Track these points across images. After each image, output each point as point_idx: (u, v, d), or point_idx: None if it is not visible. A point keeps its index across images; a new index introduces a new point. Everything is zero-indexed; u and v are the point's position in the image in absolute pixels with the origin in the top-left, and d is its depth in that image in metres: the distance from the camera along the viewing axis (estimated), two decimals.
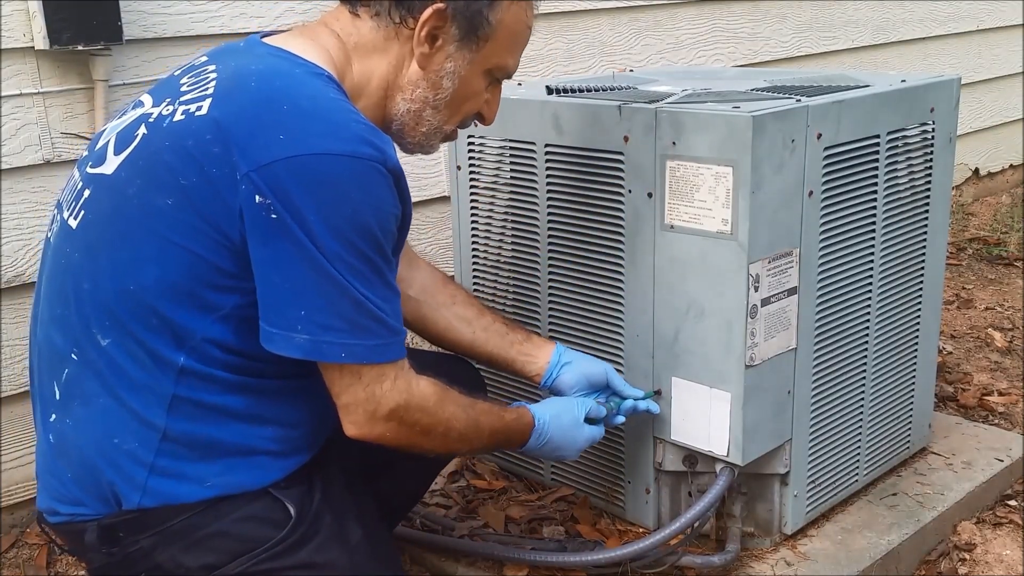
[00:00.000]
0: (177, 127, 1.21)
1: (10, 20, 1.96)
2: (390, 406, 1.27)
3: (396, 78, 1.36)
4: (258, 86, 1.21)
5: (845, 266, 1.83)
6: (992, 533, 2.03)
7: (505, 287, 2.03)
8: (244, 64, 1.27)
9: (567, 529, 1.94)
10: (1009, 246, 3.80)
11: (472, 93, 1.41)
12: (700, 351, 1.71)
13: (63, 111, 2.05)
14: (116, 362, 1.23)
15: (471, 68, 1.38)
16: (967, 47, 4.24)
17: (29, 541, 2.14)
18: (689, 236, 1.67)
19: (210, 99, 1.21)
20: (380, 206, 1.21)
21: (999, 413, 2.53)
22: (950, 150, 2.02)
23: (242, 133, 1.17)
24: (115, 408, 1.24)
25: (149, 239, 1.20)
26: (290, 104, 1.18)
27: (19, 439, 2.16)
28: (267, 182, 1.15)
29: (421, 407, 1.31)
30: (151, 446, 1.24)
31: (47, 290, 1.33)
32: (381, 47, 1.34)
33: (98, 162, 1.29)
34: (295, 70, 1.25)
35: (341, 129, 1.18)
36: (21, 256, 2.06)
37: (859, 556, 1.84)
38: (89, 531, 1.28)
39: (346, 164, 1.16)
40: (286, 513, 1.29)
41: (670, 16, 3.19)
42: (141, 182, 1.22)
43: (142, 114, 1.28)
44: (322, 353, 1.21)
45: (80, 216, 1.28)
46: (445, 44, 1.34)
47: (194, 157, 1.18)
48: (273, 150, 1.15)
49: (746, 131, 1.57)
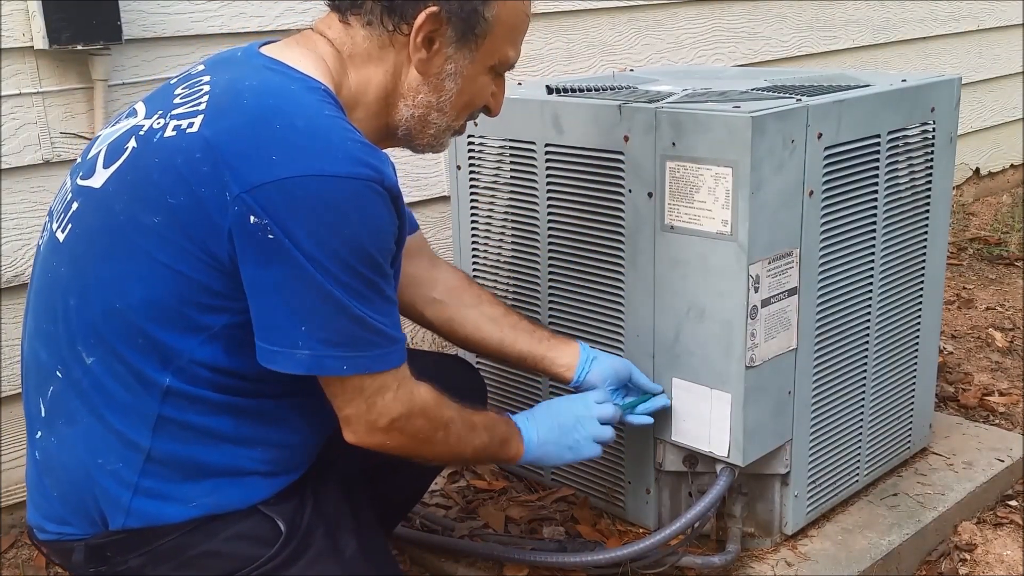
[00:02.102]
0: (167, 143, 1.19)
1: (9, 20, 1.96)
2: (391, 416, 1.27)
3: (396, 85, 1.34)
4: (251, 103, 1.18)
5: (845, 266, 1.82)
6: (993, 533, 2.03)
7: (505, 287, 2.02)
8: (238, 78, 1.23)
9: (567, 529, 1.93)
10: (1010, 246, 3.79)
11: (477, 90, 1.40)
12: (700, 352, 1.71)
13: (62, 111, 2.05)
14: (100, 381, 1.21)
15: (473, 66, 1.36)
16: (968, 47, 4.24)
17: (29, 541, 2.14)
18: (689, 237, 1.67)
19: (201, 116, 1.19)
20: (377, 225, 1.19)
21: (1000, 413, 2.53)
22: (951, 150, 2.02)
23: (233, 153, 1.14)
24: (99, 428, 1.22)
25: (135, 257, 1.18)
26: (284, 123, 1.16)
27: (19, 439, 2.16)
28: (261, 203, 1.12)
29: (421, 415, 1.31)
30: (135, 467, 1.22)
31: (35, 303, 1.32)
32: (376, 56, 1.31)
33: (88, 174, 1.27)
34: (291, 86, 1.22)
35: (336, 149, 1.16)
36: (21, 256, 2.06)
37: (860, 556, 1.84)
38: (77, 551, 1.27)
39: (342, 185, 1.14)
40: (276, 530, 1.27)
41: (670, 16, 3.19)
42: (128, 198, 1.20)
43: (134, 125, 1.26)
44: (324, 367, 1.20)
45: (68, 229, 1.26)
46: (443, 47, 1.32)
47: (183, 176, 1.16)
48: (266, 171, 1.13)
49: (746, 131, 1.56)
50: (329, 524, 1.33)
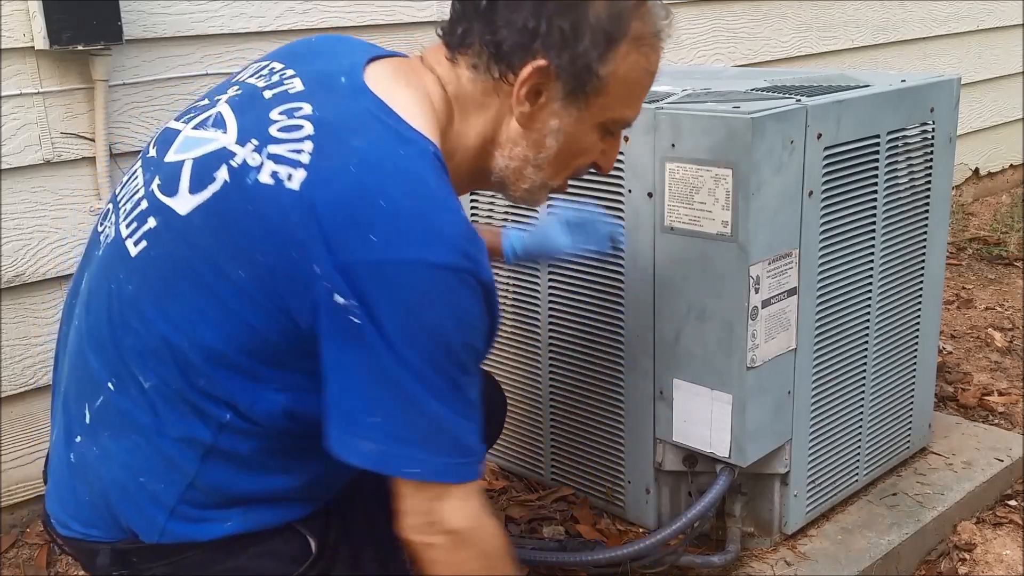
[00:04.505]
0: (263, 193, 1.11)
1: (10, 20, 1.96)
2: (452, 525, 1.16)
3: (495, 134, 1.25)
4: (358, 173, 1.10)
5: (845, 266, 1.83)
6: (992, 533, 2.03)
7: (505, 287, 2.03)
8: (345, 129, 1.14)
9: (567, 529, 1.94)
10: (1009, 246, 3.79)
11: (582, 149, 1.28)
12: (701, 353, 1.71)
13: (63, 111, 2.05)
14: (156, 406, 1.17)
15: (579, 125, 1.24)
16: (967, 47, 4.24)
17: (29, 541, 2.14)
18: (689, 238, 1.67)
19: (303, 170, 1.10)
20: (467, 320, 1.12)
21: (999, 413, 2.53)
22: (950, 150, 2.02)
23: (332, 226, 1.07)
24: (147, 449, 1.19)
25: (212, 304, 1.13)
26: (388, 202, 1.08)
27: (19, 439, 2.16)
28: (350, 283, 1.06)
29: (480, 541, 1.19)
30: (176, 491, 1.19)
31: (89, 301, 1.26)
32: (480, 102, 1.23)
33: (170, 190, 1.19)
34: (399, 151, 1.13)
35: (437, 235, 1.08)
36: (21, 256, 2.06)
37: (859, 556, 1.84)
38: (102, 553, 1.24)
39: (436, 275, 1.08)
40: (307, 548, 1.25)
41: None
42: (214, 241, 1.13)
43: (224, 148, 1.17)
44: (390, 467, 1.13)
45: (141, 246, 1.20)
46: (549, 102, 1.21)
47: (275, 235, 1.09)
48: (361, 251, 1.06)
49: (746, 132, 1.57)
50: (353, 546, 1.31)
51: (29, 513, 2.19)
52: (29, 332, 2.11)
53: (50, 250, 2.09)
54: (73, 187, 2.10)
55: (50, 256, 2.09)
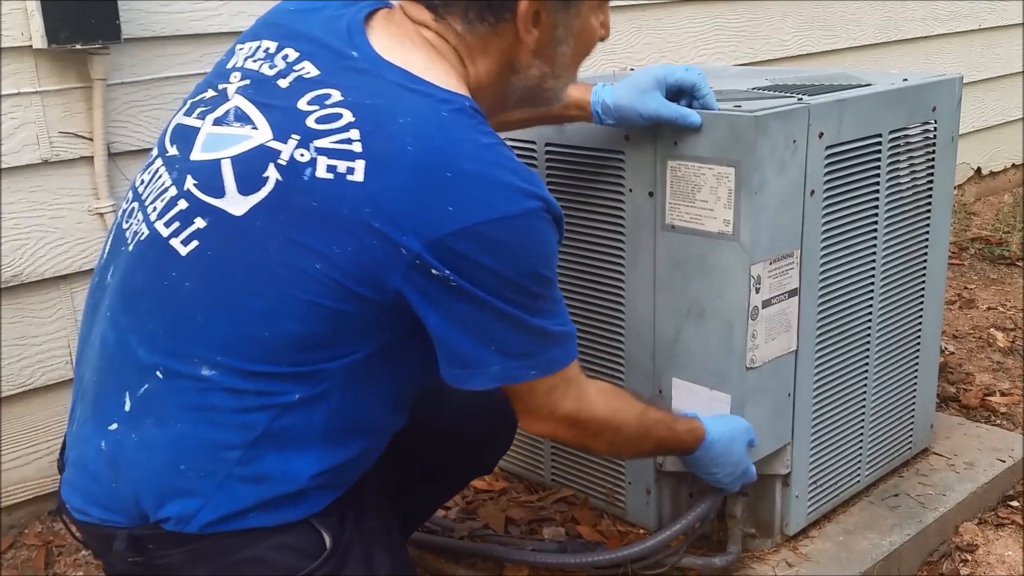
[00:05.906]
0: (326, 188, 1.14)
1: (8, 19, 1.95)
2: (564, 411, 1.34)
3: (509, 64, 1.31)
4: (416, 152, 1.14)
5: (847, 266, 1.82)
6: (994, 534, 2.03)
7: None
8: (384, 109, 1.18)
9: (567, 530, 1.93)
10: (1011, 246, 3.79)
11: (588, 36, 1.36)
12: (701, 352, 1.70)
13: (61, 110, 2.05)
14: (212, 392, 1.19)
15: (582, 19, 1.32)
16: (969, 46, 4.23)
17: (27, 542, 2.14)
18: (690, 236, 1.66)
19: (361, 160, 1.14)
20: (549, 249, 1.24)
21: (1001, 413, 2.53)
22: (952, 149, 2.01)
23: (407, 213, 1.13)
24: (191, 435, 1.20)
25: (291, 299, 1.16)
26: (453, 171, 1.14)
27: (19, 439, 2.15)
28: (440, 257, 1.14)
29: (591, 412, 1.38)
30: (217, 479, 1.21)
31: (129, 296, 1.26)
32: (483, 47, 1.28)
33: (214, 191, 1.20)
34: (443, 116, 1.18)
35: (505, 187, 1.16)
36: (20, 256, 2.06)
37: (861, 557, 1.83)
38: (119, 539, 1.25)
39: (516, 223, 1.17)
40: (321, 544, 1.26)
41: (670, 15, 3.19)
42: (283, 240, 1.16)
43: (264, 147, 1.19)
44: (514, 377, 1.27)
45: (192, 245, 1.20)
46: (550, 17, 1.28)
47: (351, 228, 1.13)
48: (443, 224, 1.13)
49: (749, 131, 1.56)
50: (366, 542, 1.31)
51: (27, 514, 2.19)
52: (27, 332, 2.11)
53: (48, 250, 2.09)
54: (71, 187, 2.09)
55: (48, 256, 2.09)
